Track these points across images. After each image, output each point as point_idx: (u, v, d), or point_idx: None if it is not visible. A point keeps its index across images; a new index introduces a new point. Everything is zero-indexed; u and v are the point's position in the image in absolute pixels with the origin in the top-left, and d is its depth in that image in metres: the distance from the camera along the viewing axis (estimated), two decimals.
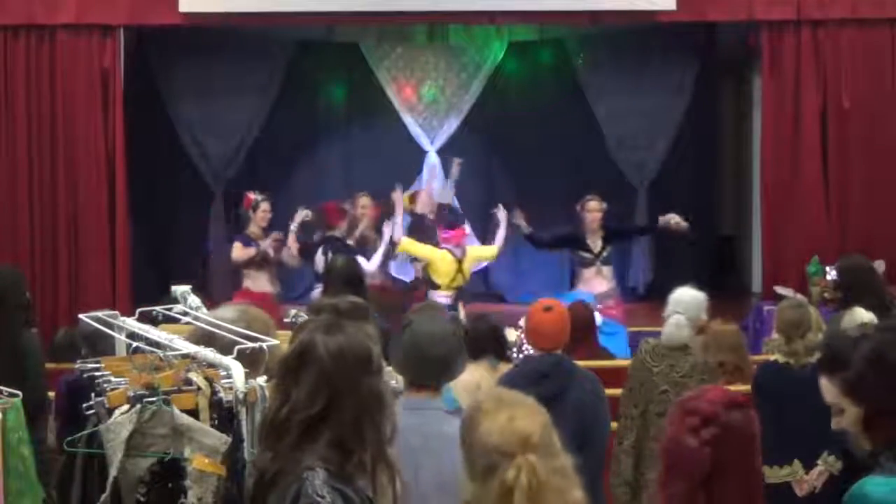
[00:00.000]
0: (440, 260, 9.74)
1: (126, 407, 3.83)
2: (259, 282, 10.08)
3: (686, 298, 6.66)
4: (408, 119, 11.98)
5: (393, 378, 4.61)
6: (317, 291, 9.14)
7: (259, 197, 10.24)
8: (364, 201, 10.29)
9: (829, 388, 3.28)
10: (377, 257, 9.97)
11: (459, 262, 9.68)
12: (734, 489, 2.95)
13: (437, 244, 9.91)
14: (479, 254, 10.10)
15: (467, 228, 10.21)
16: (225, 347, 3.91)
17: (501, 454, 2.76)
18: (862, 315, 6.39)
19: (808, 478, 6.22)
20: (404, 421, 4.13)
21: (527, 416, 2.83)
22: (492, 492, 2.75)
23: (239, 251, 10.05)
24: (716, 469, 2.91)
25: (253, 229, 10.14)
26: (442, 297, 9.44)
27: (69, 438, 3.97)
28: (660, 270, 11.38)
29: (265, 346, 4.04)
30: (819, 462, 6.19)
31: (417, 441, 4.08)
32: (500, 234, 9.99)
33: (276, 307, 9.05)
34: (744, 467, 2.97)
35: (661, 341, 6.46)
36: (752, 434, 3.00)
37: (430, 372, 4.35)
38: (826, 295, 9.13)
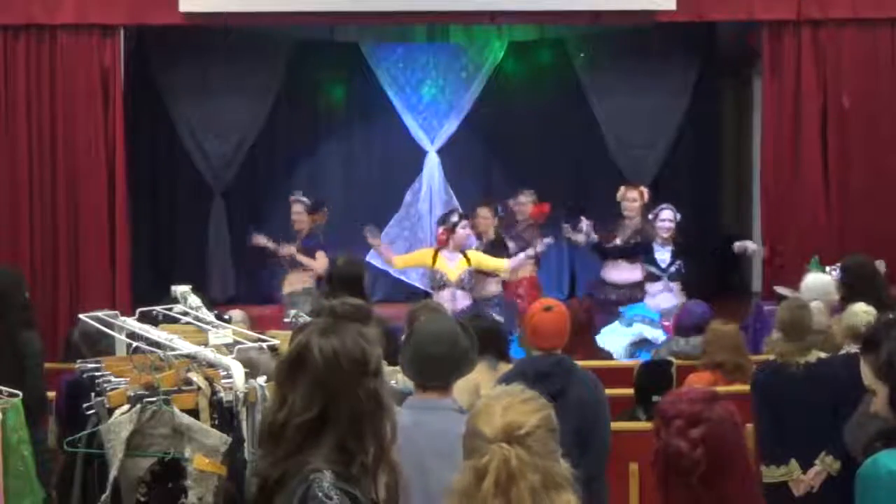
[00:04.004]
0: (424, 256, 9.86)
1: (126, 407, 3.83)
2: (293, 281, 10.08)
3: (813, 283, 7.28)
4: (408, 119, 11.99)
5: (393, 379, 4.62)
6: None
7: (292, 197, 10.22)
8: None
9: (865, 371, 3.39)
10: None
11: (435, 255, 9.64)
12: (737, 481, 2.96)
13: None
14: (481, 261, 9.69)
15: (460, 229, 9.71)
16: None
17: (484, 439, 2.79)
18: (862, 308, 6.40)
19: (806, 478, 6.22)
20: (412, 420, 4.15)
21: (524, 409, 2.84)
22: (469, 475, 2.78)
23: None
24: (714, 466, 2.91)
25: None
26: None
27: (69, 438, 3.98)
28: None
29: (265, 346, 4.05)
30: (817, 462, 6.18)
31: (425, 441, 4.08)
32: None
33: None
34: (739, 458, 2.98)
35: None
36: (738, 423, 3.02)
37: (432, 371, 4.34)
38: None
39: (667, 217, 9.93)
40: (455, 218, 9.79)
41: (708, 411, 2.94)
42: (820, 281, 7.15)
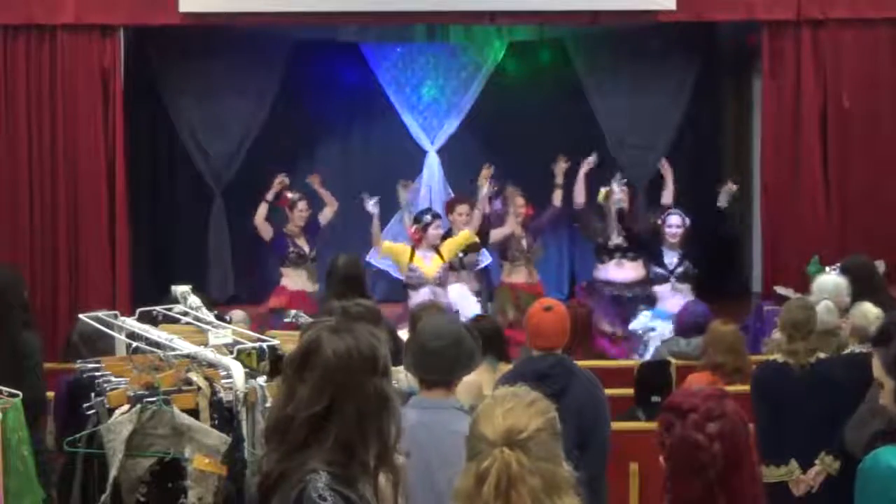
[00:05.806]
0: (402, 251, 9.95)
1: (126, 407, 3.83)
2: (296, 279, 10.15)
3: (825, 284, 7.16)
4: (408, 119, 11.99)
5: (394, 379, 4.62)
6: None
7: (296, 196, 10.29)
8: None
9: (875, 364, 3.47)
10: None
11: (412, 253, 9.85)
12: (748, 479, 2.97)
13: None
14: (452, 246, 9.99)
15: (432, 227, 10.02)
16: None
17: (486, 443, 2.78)
18: (870, 309, 6.41)
19: (806, 478, 6.22)
20: (417, 419, 4.16)
21: (526, 412, 2.83)
22: (470, 477, 2.78)
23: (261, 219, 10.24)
24: (728, 462, 2.92)
25: (291, 228, 10.29)
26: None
27: (69, 438, 3.98)
28: None
29: (265, 346, 4.05)
30: (817, 462, 6.18)
31: (429, 440, 4.08)
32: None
33: (313, 306, 9.06)
34: (750, 456, 3.00)
35: None
36: (746, 422, 3.04)
37: (433, 367, 4.36)
38: None
39: (674, 223, 9.94)
40: (428, 217, 9.93)
41: (721, 407, 2.97)
42: (833, 282, 7.16)
